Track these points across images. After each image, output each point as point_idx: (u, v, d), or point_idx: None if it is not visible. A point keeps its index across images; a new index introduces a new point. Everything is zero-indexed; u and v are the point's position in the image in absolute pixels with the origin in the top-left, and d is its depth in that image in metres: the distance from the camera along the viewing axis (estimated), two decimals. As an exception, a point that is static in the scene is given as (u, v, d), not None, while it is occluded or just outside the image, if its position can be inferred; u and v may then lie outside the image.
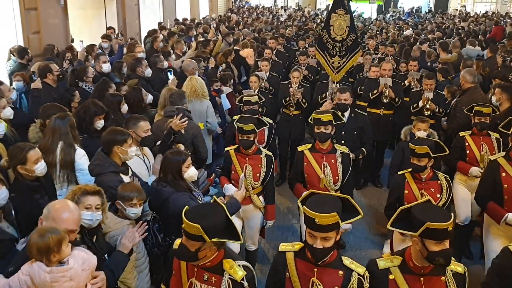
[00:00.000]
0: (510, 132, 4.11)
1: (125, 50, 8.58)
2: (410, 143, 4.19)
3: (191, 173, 3.76)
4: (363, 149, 5.40)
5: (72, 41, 9.57)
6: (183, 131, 4.45)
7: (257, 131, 4.34)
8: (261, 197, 4.47)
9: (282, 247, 2.77)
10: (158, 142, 4.42)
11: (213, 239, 2.41)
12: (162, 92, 5.50)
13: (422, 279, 2.62)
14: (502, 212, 4.00)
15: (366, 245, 5.50)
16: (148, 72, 6.59)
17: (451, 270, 2.65)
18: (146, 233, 3.30)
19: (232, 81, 7.80)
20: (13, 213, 3.28)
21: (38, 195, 3.42)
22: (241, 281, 2.53)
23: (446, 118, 6.56)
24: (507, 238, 4.07)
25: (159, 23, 14.03)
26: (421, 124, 5.18)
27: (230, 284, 2.54)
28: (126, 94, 5.30)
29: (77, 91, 5.33)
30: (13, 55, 7.42)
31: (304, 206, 2.53)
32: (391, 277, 2.64)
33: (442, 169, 5.49)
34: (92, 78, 5.96)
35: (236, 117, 4.94)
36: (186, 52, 9.13)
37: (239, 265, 2.59)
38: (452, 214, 2.64)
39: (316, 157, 4.40)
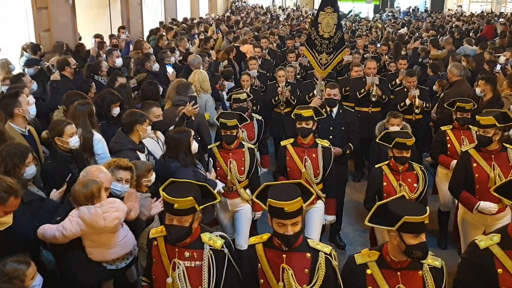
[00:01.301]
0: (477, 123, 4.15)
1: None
2: (397, 138, 4.17)
3: (194, 145, 4.09)
4: (350, 144, 5.43)
5: (80, 39, 9.96)
6: (193, 118, 4.79)
7: (239, 126, 4.47)
8: (247, 190, 4.55)
9: (251, 240, 2.84)
10: (171, 127, 4.75)
11: (200, 206, 2.66)
12: (171, 84, 5.87)
13: (399, 273, 2.64)
14: (474, 200, 4.17)
15: (361, 237, 5.68)
16: (156, 67, 7.01)
17: (428, 265, 2.67)
18: None
19: (233, 76, 8.20)
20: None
21: (71, 166, 3.83)
22: (222, 249, 2.72)
23: (435, 110, 6.96)
24: (481, 225, 4.29)
25: (161, 23, 14.47)
26: (394, 119, 5.32)
27: (212, 254, 2.71)
28: (145, 88, 5.64)
29: (93, 83, 5.72)
30: (26, 51, 7.77)
31: (270, 199, 2.57)
32: (368, 272, 2.66)
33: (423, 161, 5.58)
34: (106, 72, 6.38)
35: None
36: (189, 49, 9.55)
37: (216, 235, 2.79)
38: (428, 207, 2.67)
39: (298, 152, 4.48)
